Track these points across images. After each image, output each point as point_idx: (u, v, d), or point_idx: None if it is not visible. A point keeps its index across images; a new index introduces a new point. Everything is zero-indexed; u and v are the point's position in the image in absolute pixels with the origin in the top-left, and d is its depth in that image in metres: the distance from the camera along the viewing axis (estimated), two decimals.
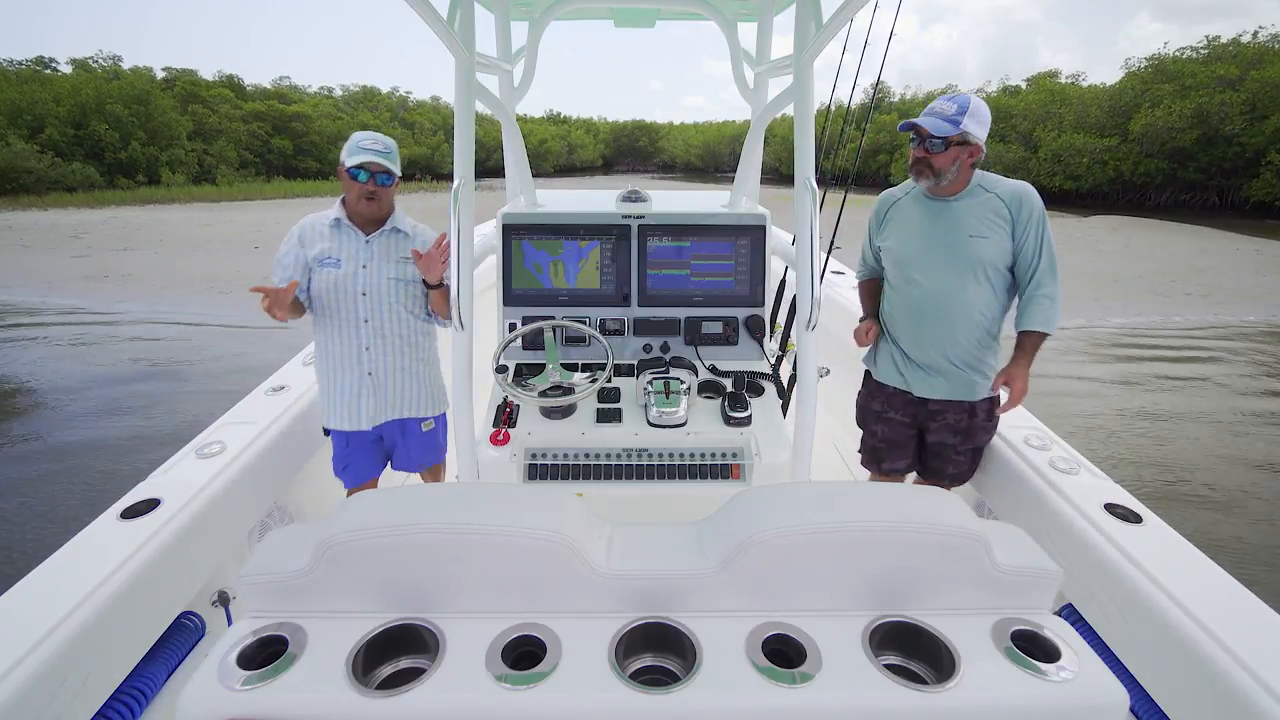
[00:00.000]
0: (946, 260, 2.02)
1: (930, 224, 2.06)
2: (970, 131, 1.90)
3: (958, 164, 1.94)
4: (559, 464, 2.02)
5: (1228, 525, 4.46)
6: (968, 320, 2.04)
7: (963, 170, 1.97)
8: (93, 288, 11.40)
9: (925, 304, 2.07)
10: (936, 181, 1.98)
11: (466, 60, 1.95)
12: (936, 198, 2.05)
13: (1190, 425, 6.15)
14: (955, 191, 2.02)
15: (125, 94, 31.85)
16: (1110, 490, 1.82)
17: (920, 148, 1.95)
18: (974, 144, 1.93)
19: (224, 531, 1.84)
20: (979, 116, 1.91)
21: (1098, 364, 7.85)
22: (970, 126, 1.90)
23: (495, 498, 0.99)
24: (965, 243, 1.99)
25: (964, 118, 1.89)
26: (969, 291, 2.01)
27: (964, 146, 1.92)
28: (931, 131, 1.90)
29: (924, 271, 2.06)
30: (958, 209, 2.01)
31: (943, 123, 1.91)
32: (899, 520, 0.90)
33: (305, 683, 0.82)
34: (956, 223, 2.00)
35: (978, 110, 1.92)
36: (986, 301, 2.02)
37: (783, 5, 2.66)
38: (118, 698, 1.36)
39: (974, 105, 1.92)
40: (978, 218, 1.98)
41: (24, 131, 28.22)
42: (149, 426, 5.83)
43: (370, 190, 2.04)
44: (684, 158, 65.93)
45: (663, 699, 0.80)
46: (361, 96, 52.91)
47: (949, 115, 1.91)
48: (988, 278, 2.00)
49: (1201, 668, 1.23)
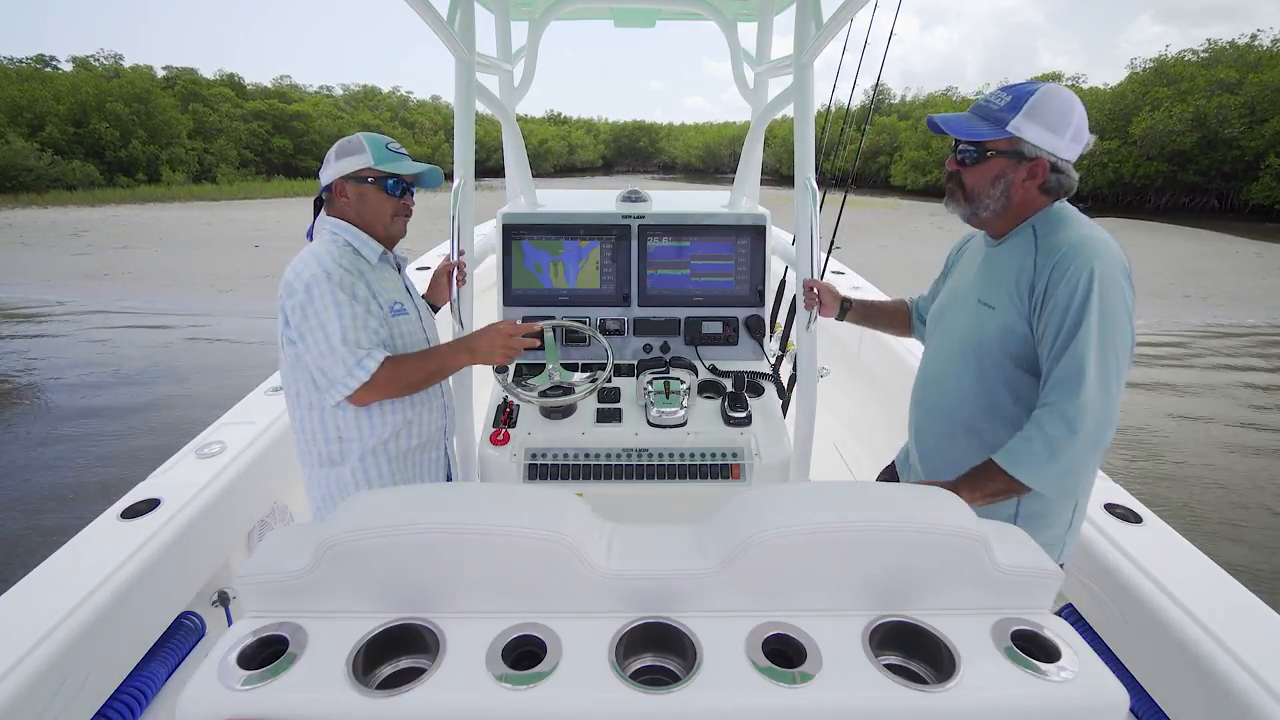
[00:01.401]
0: (948, 330, 1.50)
1: (967, 276, 1.50)
2: (1026, 136, 1.28)
3: (1003, 185, 1.33)
4: (559, 464, 2.02)
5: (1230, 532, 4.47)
6: (952, 417, 1.47)
7: (1016, 196, 1.34)
8: (93, 285, 11.40)
9: (923, 384, 1.58)
10: (972, 210, 1.39)
11: (466, 60, 1.95)
12: (988, 240, 1.46)
13: (1190, 425, 6.16)
14: (1003, 231, 1.40)
15: (126, 92, 31.83)
16: (1110, 490, 1.82)
17: (952, 156, 1.40)
18: (1034, 157, 1.29)
19: (224, 531, 1.84)
20: (1047, 114, 1.26)
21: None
22: (1027, 128, 1.27)
23: (495, 498, 0.99)
24: (972, 310, 1.41)
25: (1015, 114, 1.27)
26: (953, 378, 1.45)
27: (1014, 159, 1.31)
28: (957, 134, 1.35)
29: (933, 340, 1.58)
30: (996, 259, 1.41)
31: (978, 121, 1.32)
32: (899, 520, 0.90)
33: (305, 682, 0.82)
34: (985, 279, 1.42)
35: (1045, 105, 1.27)
36: (977, 399, 1.41)
37: (783, 5, 2.67)
38: (118, 697, 1.36)
39: (1038, 98, 1.27)
40: (1002, 276, 1.37)
41: (24, 129, 28.19)
42: (149, 427, 5.83)
43: (409, 207, 1.67)
44: (684, 158, 65.94)
45: (663, 699, 0.80)
46: (362, 96, 52.88)
47: (993, 110, 1.31)
48: (979, 365, 1.39)
49: (1201, 668, 1.23)
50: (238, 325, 9.13)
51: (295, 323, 1.48)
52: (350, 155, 1.58)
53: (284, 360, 1.59)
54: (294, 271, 1.50)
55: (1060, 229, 1.32)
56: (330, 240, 1.58)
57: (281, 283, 1.51)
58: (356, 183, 1.59)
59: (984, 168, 1.34)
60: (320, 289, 1.46)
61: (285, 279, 1.50)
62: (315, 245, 1.56)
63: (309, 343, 1.49)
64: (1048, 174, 1.31)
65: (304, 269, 1.48)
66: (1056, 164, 1.31)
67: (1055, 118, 1.27)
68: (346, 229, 1.61)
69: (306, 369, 1.54)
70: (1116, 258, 1.27)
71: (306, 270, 1.48)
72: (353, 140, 1.61)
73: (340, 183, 1.59)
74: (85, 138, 30.08)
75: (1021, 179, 1.32)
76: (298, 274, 1.49)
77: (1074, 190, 1.36)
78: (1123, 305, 1.24)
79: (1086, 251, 1.25)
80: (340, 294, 1.47)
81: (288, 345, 1.54)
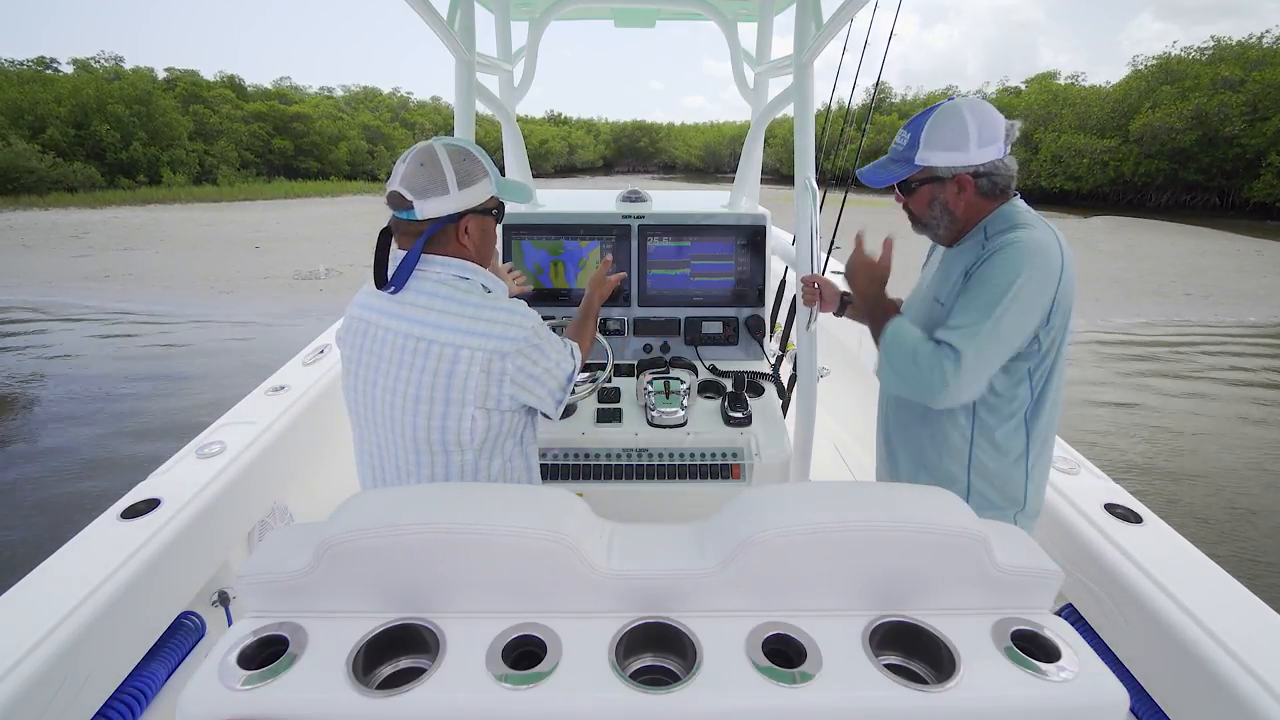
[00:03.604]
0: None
1: (928, 276, 1.62)
2: (934, 163, 1.37)
3: (940, 205, 1.43)
4: (559, 464, 2.02)
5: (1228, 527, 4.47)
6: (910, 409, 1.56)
7: (958, 210, 1.43)
8: (94, 287, 11.41)
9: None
10: (930, 232, 1.51)
11: (466, 60, 1.95)
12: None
13: (1190, 427, 6.15)
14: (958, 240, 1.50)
15: (126, 94, 31.86)
16: (1110, 490, 1.81)
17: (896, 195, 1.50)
18: (950, 176, 1.38)
19: (224, 531, 1.84)
20: (943, 137, 1.35)
21: (1099, 364, 7.85)
22: (931, 156, 1.37)
23: (495, 498, 0.99)
24: (928, 307, 1.50)
25: (917, 149, 1.38)
26: None
27: (937, 183, 1.40)
28: (877, 184, 1.46)
29: None
30: (951, 258, 1.50)
31: (892, 165, 1.44)
32: (899, 520, 0.90)
33: (306, 682, 0.82)
34: (939, 277, 1.52)
35: (938, 130, 1.36)
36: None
37: (783, 5, 2.67)
38: (118, 697, 1.36)
39: (929, 128, 1.36)
40: (953, 273, 1.46)
41: (25, 132, 28.22)
42: (147, 425, 5.84)
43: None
44: (684, 158, 65.99)
45: (663, 699, 0.80)
46: (362, 97, 52.91)
47: (900, 151, 1.42)
48: None
49: (1201, 668, 1.23)
50: (237, 325, 9.14)
51: (530, 374, 1.33)
52: (477, 181, 1.30)
53: (467, 429, 1.33)
54: (497, 337, 1.28)
55: (1008, 228, 1.38)
56: (470, 288, 1.32)
57: (462, 355, 1.27)
58: (481, 215, 1.33)
59: (917, 197, 1.45)
60: (544, 334, 1.35)
61: (487, 348, 1.27)
62: (478, 301, 1.30)
63: (550, 381, 1.37)
64: (975, 182, 1.39)
65: (513, 329, 1.29)
66: (977, 171, 1.38)
67: (952, 137, 1.35)
68: (479, 271, 1.35)
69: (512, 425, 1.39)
70: (1051, 262, 1.32)
71: (519, 329, 1.30)
72: (469, 158, 1.30)
73: (466, 218, 1.31)
74: (86, 140, 30.12)
75: (953, 195, 1.41)
76: (505, 336, 1.28)
77: (1011, 181, 1.42)
78: (1035, 309, 1.32)
79: (1024, 250, 1.31)
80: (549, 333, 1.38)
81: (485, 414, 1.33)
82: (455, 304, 1.28)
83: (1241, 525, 4.48)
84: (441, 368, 1.27)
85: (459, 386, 1.28)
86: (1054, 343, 1.38)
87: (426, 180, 1.26)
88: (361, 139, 42.22)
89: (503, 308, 1.31)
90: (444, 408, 1.30)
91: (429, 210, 1.26)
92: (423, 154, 1.27)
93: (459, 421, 1.31)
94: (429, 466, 1.36)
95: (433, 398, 1.29)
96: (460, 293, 1.30)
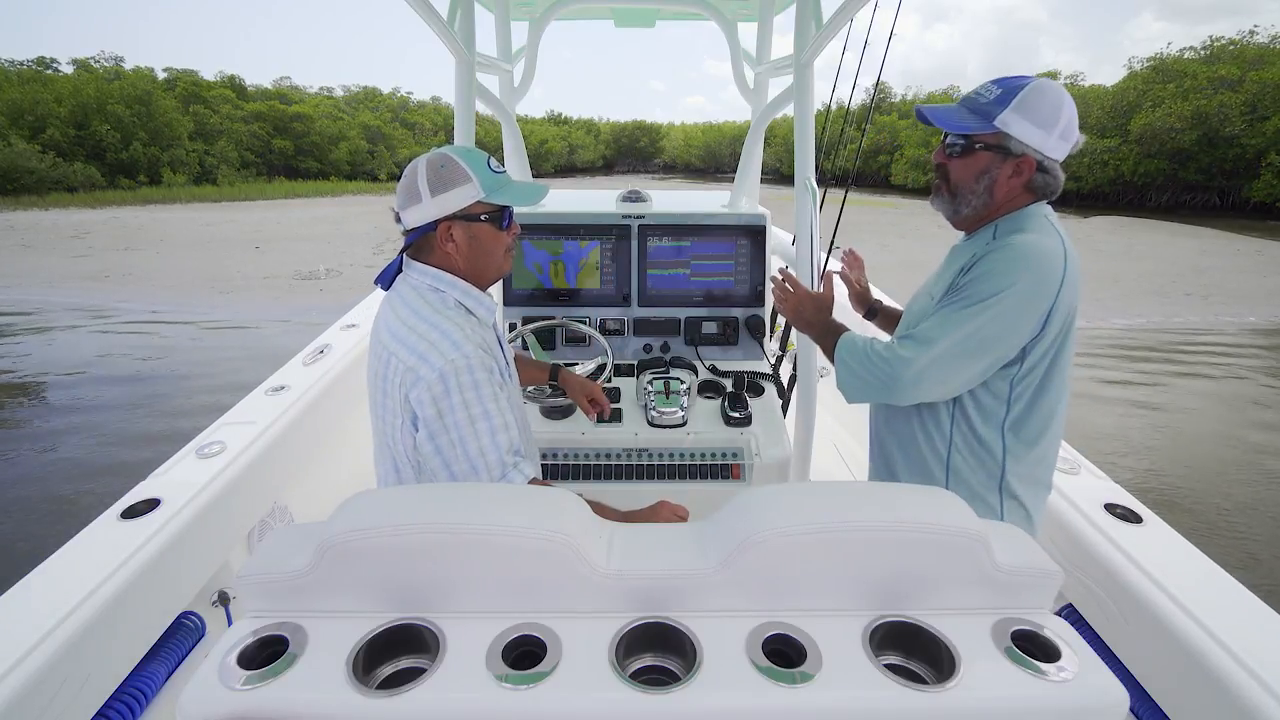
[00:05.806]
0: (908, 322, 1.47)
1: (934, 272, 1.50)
2: (1013, 132, 1.24)
3: (988, 181, 1.29)
4: (559, 464, 2.02)
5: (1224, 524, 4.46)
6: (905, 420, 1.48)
7: (999, 193, 1.30)
8: (94, 287, 11.41)
9: None
10: (955, 206, 1.36)
11: (466, 60, 1.95)
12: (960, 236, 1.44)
13: (1190, 427, 6.15)
14: (974, 228, 1.38)
15: (127, 94, 31.88)
16: (1110, 490, 1.81)
17: (940, 148, 1.36)
18: (1020, 154, 1.26)
19: (224, 531, 1.84)
20: (1036, 110, 1.23)
21: (1099, 364, 7.85)
22: (1014, 123, 1.24)
23: (495, 497, 0.99)
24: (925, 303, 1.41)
25: (1004, 109, 1.24)
26: None
27: (1000, 154, 1.27)
28: (943, 126, 1.31)
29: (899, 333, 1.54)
30: (955, 253, 1.41)
31: (966, 114, 1.29)
32: (899, 520, 0.90)
33: (306, 682, 0.82)
34: (941, 273, 1.43)
35: (1034, 100, 1.23)
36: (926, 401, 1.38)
37: (783, 5, 2.67)
38: (118, 697, 1.36)
39: (1028, 93, 1.23)
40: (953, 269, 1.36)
41: (26, 132, 28.25)
42: (147, 425, 5.84)
43: (515, 234, 1.40)
44: (684, 158, 65.99)
45: (663, 699, 0.80)
46: (362, 97, 52.93)
47: (981, 103, 1.27)
48: None
49: (1201, 668, 1.23)
50: (237, 326, 9.14)
51: (426, 417, 1.20)
52: (453, 187, 1.23)
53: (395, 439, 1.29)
54: (417, 356, 1.20)
55: (1018, 230, 1.28)
56: (439, 302, 1.26)
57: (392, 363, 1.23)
58: (466, 222, 1.27)
59: (969, 161, 1.30)
60: (464, 380, 1.19)
61: (405, 363, 1.21)
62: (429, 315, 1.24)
63: (445, 441, 1.21)
64: (1034, 172, 1.27)
65: (433, 355, 1.18)
66: (1043, 163, 1.27)
67: (1045, 114, 1.23)
68: (455, 285, 1.29)
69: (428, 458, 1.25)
70: (1048, 272, 1.23)
71: (439, 357, 1.18)
72: (449, 164, 1.24)
73: (445, 225, 1.26)
74: (86, 140, 30.14)
75: (1007, 175, 1.28)
76: (423, 359, 1.19)
77: (1058, 193, 1.32)
78: (1021, 316, 1.23)
79: (1020, 255, 1.23)
80: (486, 384, 1.21)
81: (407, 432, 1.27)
82: (409, 312, 1.26)
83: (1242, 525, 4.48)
84: (386, 373, 1.25)
85: (393, 396, 1.25)
86: (1045, 355, 1.28)
87: (405, 190, 1.27)
88: (361, 139, 42.24)
89: (440, 328, 1.21)
90: (390, 416, 1.28)
91: (410, 219, 1.27)
92: (410, 165, 1.28)
93: (402, 432, 1.26)
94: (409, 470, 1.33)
95: (385, 404, 1.28)
96: (423, 303, 1.26)
